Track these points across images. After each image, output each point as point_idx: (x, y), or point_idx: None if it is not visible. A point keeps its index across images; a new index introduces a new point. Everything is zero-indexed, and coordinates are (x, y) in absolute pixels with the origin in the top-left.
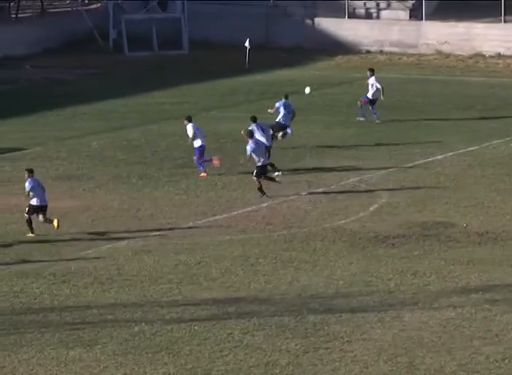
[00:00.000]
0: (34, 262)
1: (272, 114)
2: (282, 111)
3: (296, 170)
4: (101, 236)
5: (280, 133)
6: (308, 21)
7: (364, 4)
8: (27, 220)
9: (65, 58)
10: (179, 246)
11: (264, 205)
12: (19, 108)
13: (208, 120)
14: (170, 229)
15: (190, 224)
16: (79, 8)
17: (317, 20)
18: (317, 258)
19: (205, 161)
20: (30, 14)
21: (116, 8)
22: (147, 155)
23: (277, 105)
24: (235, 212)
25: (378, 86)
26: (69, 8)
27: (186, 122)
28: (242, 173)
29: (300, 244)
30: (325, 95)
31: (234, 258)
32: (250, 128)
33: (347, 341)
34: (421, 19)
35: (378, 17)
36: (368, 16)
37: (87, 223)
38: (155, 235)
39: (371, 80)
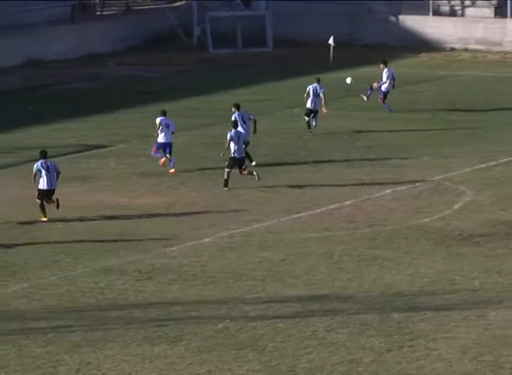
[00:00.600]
0: (119, 258)
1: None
2: (310, 95)
3: (379, 167)
4: (185, 233)
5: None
6: (392, 18)
7: (449, 1)
8: (40, 205)
9: (149, 55)
10: (263, 243)
11: (348, 202)
12: (103, 105)
13: (291, 118)
14: (254, 226)
15: (274, 221)
16: (163, 5)
17: (401, 18)
18: (401, 256)
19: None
20: (115, 11)
21: (200, 6)
22: None
23: (307, 88)
24: (319, 210)
25: (385, 79)
26: (154, 6)
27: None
28: (326, 170)
29: (384, 242)
30: (408, 93)
31: (318, 255)
32: (233, 118)
33: (432, 339)
34: (506, 17)
35: (462, 15)
36: (452, 13)
37: (171, 219)
38: (239, 232)
39: (385, 73)
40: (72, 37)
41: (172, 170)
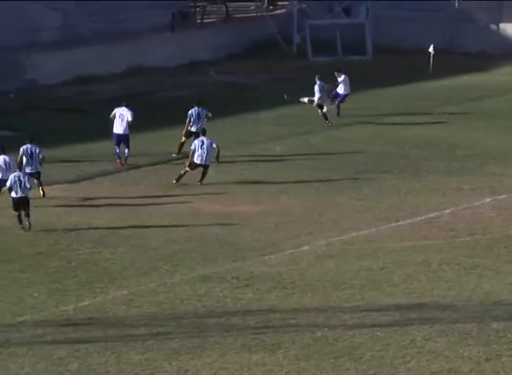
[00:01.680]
0: (218, 266)
1: None
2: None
3: (480, 176)
4: (284, 241)
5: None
6: (493, 26)
7: None
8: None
9: (249, 63)
10: (361, 251)
11: (448, 211)
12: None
13: (392, 126)
14: (353, 234)
15: (373, 230)
16: (263, 13)
17: (502, 26)
18: (500, 265)
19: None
20: (215, 19)
21: (301, 14)
22: (330, 161)
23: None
24: (418, 218)
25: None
26: (254, 14)
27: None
28: (423, 179)
29: (484, 251)
30: (509, 101)
31: (417, 264)
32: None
33: None
34: None
35: None
36: None
37: (270, 227)
38: (338, 240)
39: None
40: (172, 45)
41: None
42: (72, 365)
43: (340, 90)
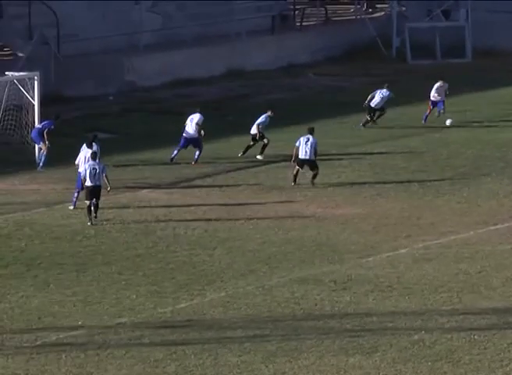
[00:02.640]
0: (315, 268)
1: None
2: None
3: None
4: (381, 243)
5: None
6: None
7: None
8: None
9: (347, 66)
10: (459, 255)
11: None
12: (301, 115)
13: (491, 129)
14: (451, 237)
15: (471, 233)
16: (363, 16)
17: None
18: None
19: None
20: (315, 22)
21: (400, 17)
22: (429, 163)
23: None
24: None
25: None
26: (353, 17)
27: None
28: None
29: None
30: None
31: None
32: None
33: None
34: None
35: None
36: None
37: (368, 230)
38: (436, 243)
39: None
40: (272, 48)
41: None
42: (170, 367)
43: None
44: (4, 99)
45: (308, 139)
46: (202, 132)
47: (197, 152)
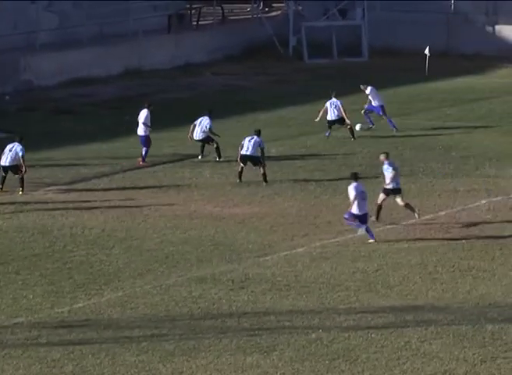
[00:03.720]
0: (213, 267)
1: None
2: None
3: (475, 178)
4: (279, 242)
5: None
6: (489, 28)
7: None
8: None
9: (245, 65)
10: (356, 253)
11: (443, 213)
12: (198, 114)
13: (387, 128)
14: (348, 236)
15: None
16: (259, 15)
17: (498, 27)
18: (495, 267)
19: None
20: (211, 21)
21: (296, 16)
22: (326, 162)
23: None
24: (413, 220)
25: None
26: (250, 16)
27: None
28: (419, 181)
29: (479, 253)
30: (505, 103)
31: (412, 266)
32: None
33: None
34: None
35: None
36: None
37: (265, 229)
38: (333, 242)
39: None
40: (169, 47)
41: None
42: (67, 367)
43: (374, 103)
44: None
45: (253, 137)
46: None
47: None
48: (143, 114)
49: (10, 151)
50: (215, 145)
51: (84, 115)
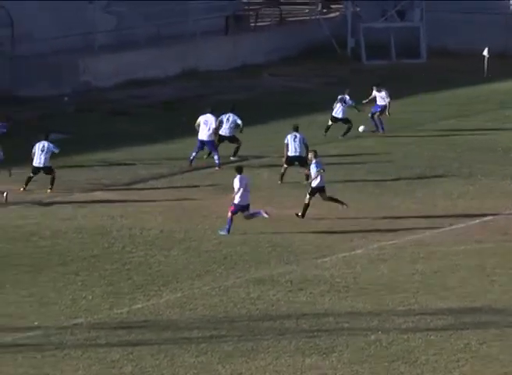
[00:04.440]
0: (271, 269)
1: None
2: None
3: None
4: (337, 244)
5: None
6: None
7: None
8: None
9: (302, 66)
10: (415, 255)
11: (502, 214)
12: (256, 116)
13: (446, 130)
14: (406, 238)
15: (427, 233)
16: (317, 16)
17: None
18: None
19: None
20: (269, 23)
21: (355, 17)
22: (384, 164)
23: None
24: (471, 222)
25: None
26: (308, 17)
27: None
28: (478, 183)
29: None
30: None
31: (470, 268)
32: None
33: None
34: None
35: None
36: None
37: (323, 230)
38: (391, 244)
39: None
40: (226, 48)
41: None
42: (126, 367)
43: (380, 102)
44: None
45: (296, 136)
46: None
47: (216, 157)
48: (211, 119)
49: (43, 151)
50: (237, 145)
51: (141, 116)
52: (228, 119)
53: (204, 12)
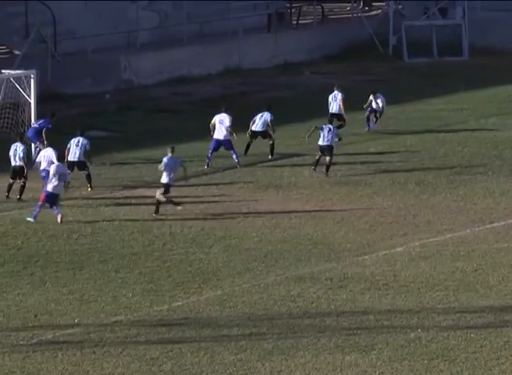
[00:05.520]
0: (311, 266)
1: None
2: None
3: None
4: (378, 242)
5: None
6: None
7: None
8: None
9: (344, 64)
10: (455, 253)
11: None
12: (297, 114)
13: (487, 127)
14: (447, 236)
15: (468, 231)
16: (359, 14)
17: None
18: None
19: None
20: (311, 21)
21: (396, 15)
22: (425, 162)
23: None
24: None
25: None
26: (350, 15)
27: None
28: None
29: None
30: None
31: (511, 265)
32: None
33: None
34: None
35: None
36: None
37: (364, 228)
38: (432, 242)
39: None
40: (268, 46)
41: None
42: (166, 365)
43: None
44: (0, 97)
45: (330, 129)
46: (234, 135)
47: (234, 156)
48: (226, 118)
49: (77, 146)
50: (271, 142)
51: (183, 113)
52: (262, 116)
53: (247, 10)
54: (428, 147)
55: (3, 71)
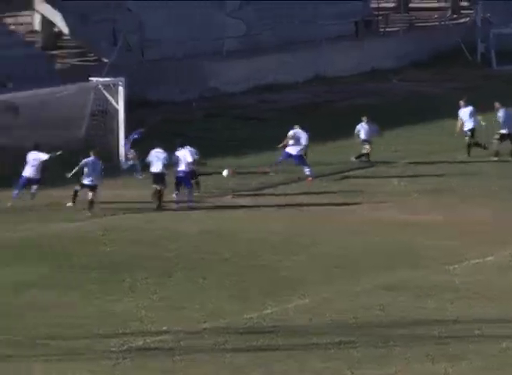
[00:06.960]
0: (400, 275)
1: None
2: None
3: None
4: (467, 250)
5: None
6: None
7: None
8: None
9: (432, 71)
10: None
11: None
12: (385, 120)
13: None
14: None
15: None
16: (447, 22)
17: None
18: None
19: None
20: (398, 28)
21: (485, 22)
22: None
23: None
24: None
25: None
26: (437, 23)
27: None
28: None
29: None
30: None
31: None
32: None
33: None
34: None
35: None
36: None
37: (452, 236)
38: None
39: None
40: (355, 53)
41: None
42: (254, 373)
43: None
44: (89, 104)
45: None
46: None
47: (307, 169)
48: (304, 135)
49: (159, 158)
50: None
51: (271, 121)
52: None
53: (334, 18)
54: None
55: (91, 78)
